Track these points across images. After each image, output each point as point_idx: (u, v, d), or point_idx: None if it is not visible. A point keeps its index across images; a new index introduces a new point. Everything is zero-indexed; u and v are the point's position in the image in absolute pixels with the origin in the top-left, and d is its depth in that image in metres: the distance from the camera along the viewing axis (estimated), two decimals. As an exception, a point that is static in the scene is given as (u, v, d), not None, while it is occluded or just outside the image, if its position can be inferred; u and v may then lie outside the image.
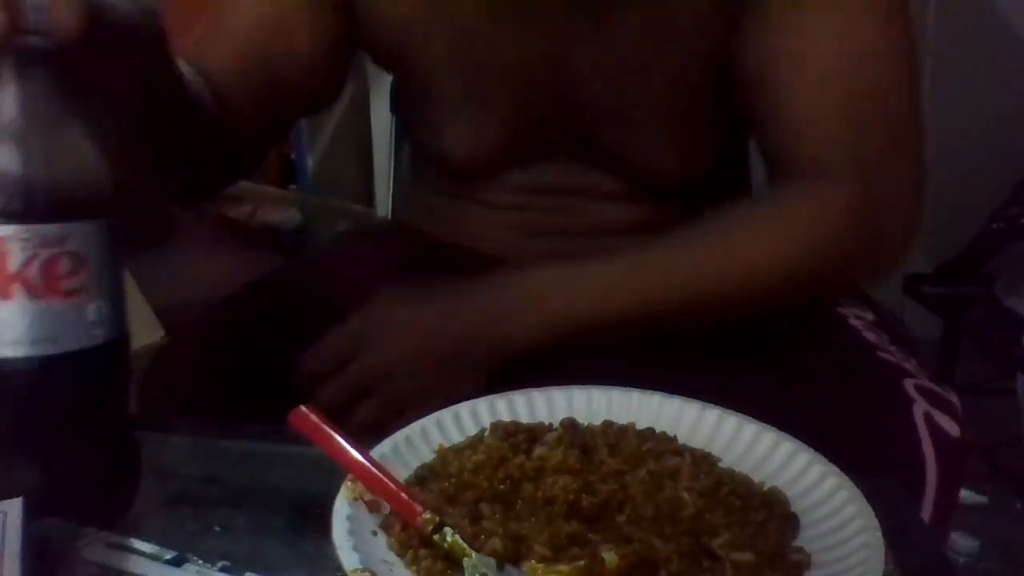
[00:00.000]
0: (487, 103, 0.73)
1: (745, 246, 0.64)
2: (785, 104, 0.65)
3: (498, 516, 0.41)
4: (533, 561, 0.39)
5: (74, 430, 0.44)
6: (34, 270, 0.41)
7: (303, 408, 0.45)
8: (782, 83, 0.65)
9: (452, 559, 0.39)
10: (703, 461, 0.46)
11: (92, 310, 0.42)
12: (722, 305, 0.64)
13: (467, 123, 0.75)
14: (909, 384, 0.62)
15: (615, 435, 0.48)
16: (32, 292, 0.41)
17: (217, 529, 0.45)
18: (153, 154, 0.59)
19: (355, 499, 0.42)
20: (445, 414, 0.50)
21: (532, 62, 0.69)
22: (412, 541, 0.40)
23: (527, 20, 0.68)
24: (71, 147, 0.42)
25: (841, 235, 0.64)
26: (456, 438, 0.48)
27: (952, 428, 0.60)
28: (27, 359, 0.41)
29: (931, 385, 0.63)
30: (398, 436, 0.47)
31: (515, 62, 0.70)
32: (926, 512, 0.57)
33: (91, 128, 0.43)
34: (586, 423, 0.49)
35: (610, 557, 0.38)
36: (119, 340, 0.44)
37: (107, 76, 0.47)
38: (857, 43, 0.64)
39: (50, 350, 0.41)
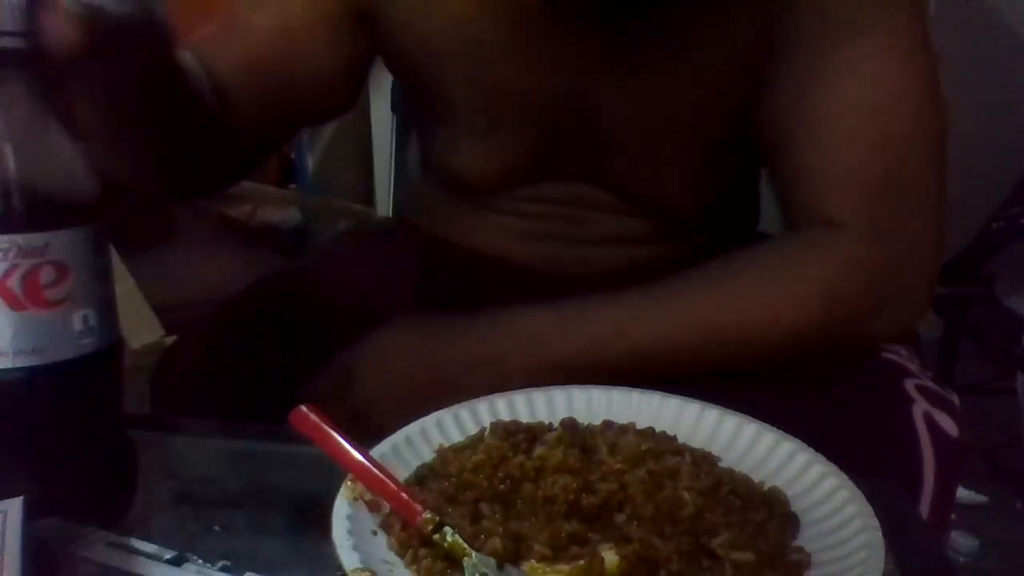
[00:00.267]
0: (503, 128, 0.72)
1: (756, 298, 0.61)
2: (807, 157, 0.64)
3: (498, 516, 0.41)
4: (533, 561, 0.39)
5: (66, 438, 0.43)
6: (15, 281, 0.40)
7: (303, 408, 0.45)
8: (805, 136, 0.64)
9: (452, 559, 0.39)
10: (703, 461, 0.46)
11: (78, 319, 0.42)
12: (726, 357, 0.61)
13: (481, 144, 0.74)
14: (910, 384, 0.62)
15: (615, 435, 0.48)
16: (14, 303, 0.40)
17: (217, 529, 0.45)
18: (149, 150, 0.58)
19: (355, 499, 0.42)
20: (445, 414, 0.49)
21: (553, 92, 0.69)
22: (412, 541, 0.40)
23: (552, 52, 0.67)
24: (51, 152, 0.41)
25: (855, 295, 0.62)
26: (456, 438, 0.48)
27: (951, 428, 0.60)
28: (12, 371, 0.40)
29: (932, 385, 0.63)
30: (398, 436, 0.47)
31: (536, 91, 0.69)
32: (923, 512, 0.57)
33: (75, 131, 0.42)
34: (586, 423, 0.49)
35: (610, 557, 0.38)
36: (109, 347, 0.44)
37: (105, 79, 0.46)
38: (884, 98, 0.62)
39: (36, 361, 0.41)
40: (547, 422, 0.49)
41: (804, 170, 0.64)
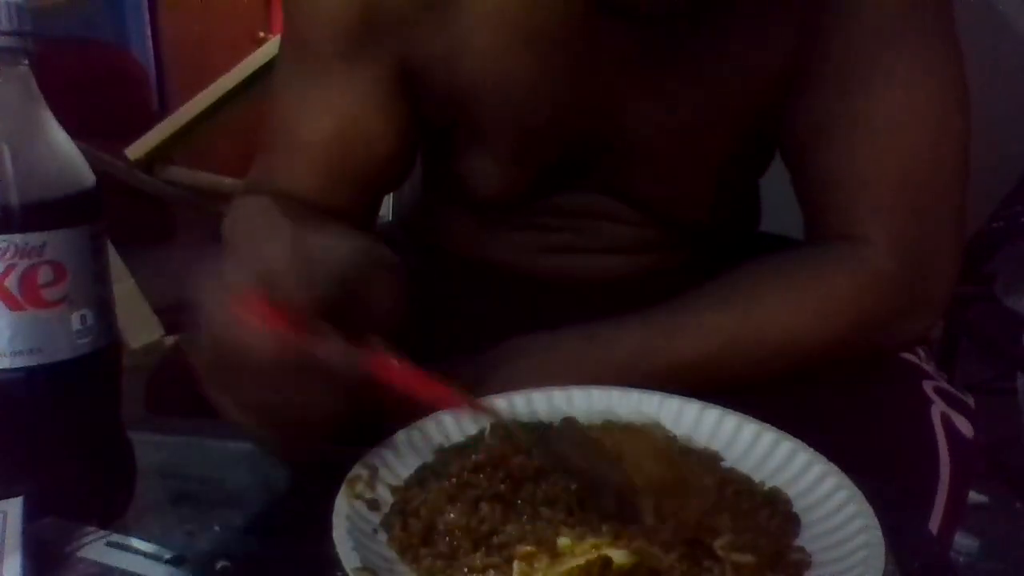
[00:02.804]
0: (531, 151, 0.71)
1: (785, 316, 0.61)
2: (837, 170, 0.64)
3: (498, 516, 0.41)
4: (533, 561, 0.39)
5: (65, 438, 0.43)
6: (13, 281, 0.40)
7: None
8: (835, 149, 0.64)
9: (452, 558, 0.39)
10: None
11: (76, 319, 0.42)
12: (751, 373, 0.61)
13: (505, 171, 0.73)
14: (928, 385, 0.62)
15: (615, 435, 0.48)
16: (12, 303, 0.40)
17: (217, 529, 0.45)
18: None
19: (355, 499, 0.42)
20: (445, 414, 0.49)
21: (584, 117, 0.68)
22: (412, 540, 0.40)
23: (587, 78, 0.66)
24: (49, 152, 0.41)
25: (880, 312, 0.62)
26: (456, 438, 0.48)
27: (967, 429, 0.60)
28: (10, 371, 0.41)
29: (948, 387, 0.63)
30: (398, 436, 0.47)
31: (569, 119, 0.68)
32: (937, 512, 0.57)
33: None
34: (586, 423, 0.49)
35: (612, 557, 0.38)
36: (108, 347, 0.44)
37: None
38: (916, 112, 0.62)
39: (34, 361, 0.41)
40: (547, 422, 0.49)
41: (832, 180, 0.64)
